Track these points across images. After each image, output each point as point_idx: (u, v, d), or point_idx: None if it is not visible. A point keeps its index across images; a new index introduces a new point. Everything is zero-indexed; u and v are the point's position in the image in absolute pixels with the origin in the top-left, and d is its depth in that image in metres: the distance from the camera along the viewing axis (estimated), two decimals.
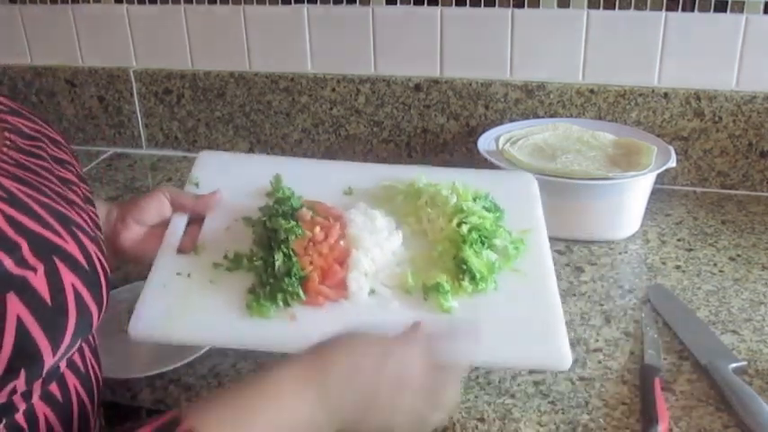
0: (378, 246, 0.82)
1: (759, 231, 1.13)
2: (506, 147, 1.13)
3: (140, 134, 1.49)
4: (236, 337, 0.75)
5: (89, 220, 0.64)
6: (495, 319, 0.76)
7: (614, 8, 1.21)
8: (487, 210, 0.88)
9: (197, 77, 1.41)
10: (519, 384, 0.82)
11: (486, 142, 1.16)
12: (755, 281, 1.00)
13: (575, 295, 0.98)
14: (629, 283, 1.01)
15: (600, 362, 0.85)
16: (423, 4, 1.28)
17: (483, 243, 0.83)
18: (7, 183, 0.56)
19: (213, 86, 1.41)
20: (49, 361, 0.55)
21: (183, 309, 0.76)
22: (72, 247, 0.57)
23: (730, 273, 1.03)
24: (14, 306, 0.51)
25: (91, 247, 0.59)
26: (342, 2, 1.31)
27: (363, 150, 1.39)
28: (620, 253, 1.08)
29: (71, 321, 0.55)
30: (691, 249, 1.09)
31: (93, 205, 0.72)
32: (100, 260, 0.60)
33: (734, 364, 0.82)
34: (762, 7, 1.16)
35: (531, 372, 0.84)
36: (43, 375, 0.56)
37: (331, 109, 1.38)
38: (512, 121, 1.27)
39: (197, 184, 0.93)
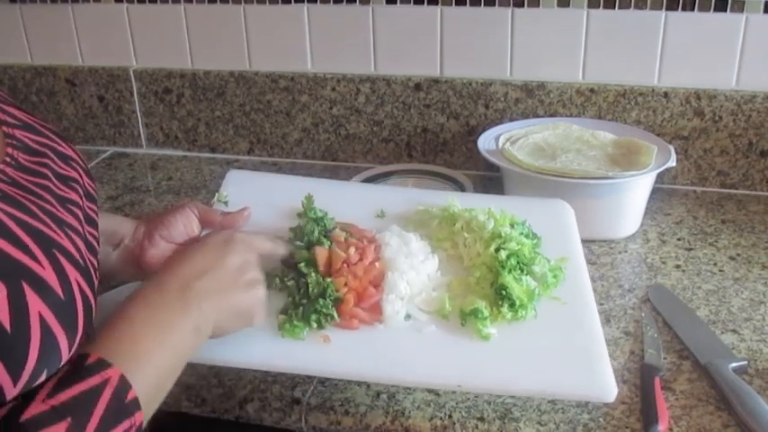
0: (413, 269, 0.80)
1: (759, 231, 1.13)
2: (506, 146, 1.13)
3: (140, 133, 1.49)
4: (269, 359, 0.72)
5: (82, 245, 0.62)
6: (535, 348, 0.74)
7: (614, 8, 1.21)
8: (525, 236, 0.86)
9: (197, 77, 1.42)
10: None
11: (485, 142, 1.16)
12: (755, 280, 1.01)
13: None
14: (629, 283, 1.01)
15: None
16: (423, 3, 1.28)
17: (522, 270, 0.81)
18: None
19: (213, 86, 1.41)
20: (10, 391, 0.52)
21: None
22: (47, 273, 0.55)
23: (730, 272, 1.03)
24: None
25: (73, 275, 0.57)
26: (342, 2, 1.31)
27: (363, 150, 1.39)
28: (620, 252, 1.08)
29: (33, 351, 0.52)
30: (691, 249, 1.09)
31: (95, 226, 0.70)
32: (82, 289, 0.58)
33: (734, 364, 0.82)
34: (762, 7, 1.16)
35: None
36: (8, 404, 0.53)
37: (331, 108, 1.38)
38: (512, 120, 1.27)
39: (226, 203, 0.91)
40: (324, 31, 1.34)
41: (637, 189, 1.08)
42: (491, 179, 1.28)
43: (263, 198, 0.91)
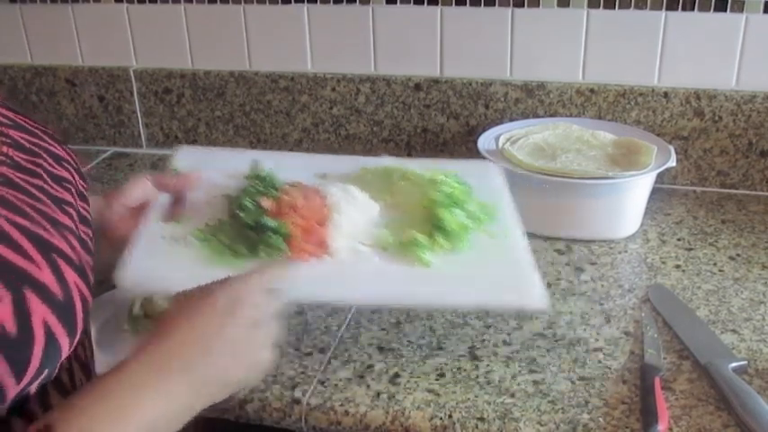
0: (356, 211, 0.88)
1: (759, 231, 1.13)
2: (506, 146, 1.13)
3: (140, 133, 1.49)
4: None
5: (77, 245, 0.62)
6: (472, 271, 0.82)
7: (614, 8, 1.21)
8: (457, 184, 0.93)
9: (197, 77, 1.42)
10: (519, 384, 0.82)
11: (486, 142, 1.16)
12: (755, 280, 1.01)
13: (575, 295, 0.98)
14: (629, 283, 1.01)
15: (600, 361, 0.86)
16: (423, 3, 1.28)
17: (455, 206, 0.88)
18: None
19: (213, 86, 1.41)
20: (12, 391, 0.53)
21: (169, 266, 0.80)
22: (46, 276, 0.55)
23: (730, 272, 1.03)
24: None
25: (71, 277, 0.58)
26: (342, 2, 1.31)
27: (363, 150, 1.39)
28: (620, 252, 1.08)
29: (36, 353, 0.53)
30: (690, 249, 1.09)
31: (89, 225, 0.70)
32: (80, 290, 0.58)
33: (734, 364, 0.82)
34: (762, 7, 1.16)
35: (531, 371, 0.84)
36: (8, 403, 0.54)
37: (331, 108, 1.38)
38: (512, 120, 1.27)
39: (177, 171, 0.96)
40: (324, 31, 1.34)
41: (637, 189, 1.08)
42: None
43: (212, 167, 0.97)
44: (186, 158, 1.00)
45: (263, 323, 0.65)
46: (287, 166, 0.96)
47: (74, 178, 0.72)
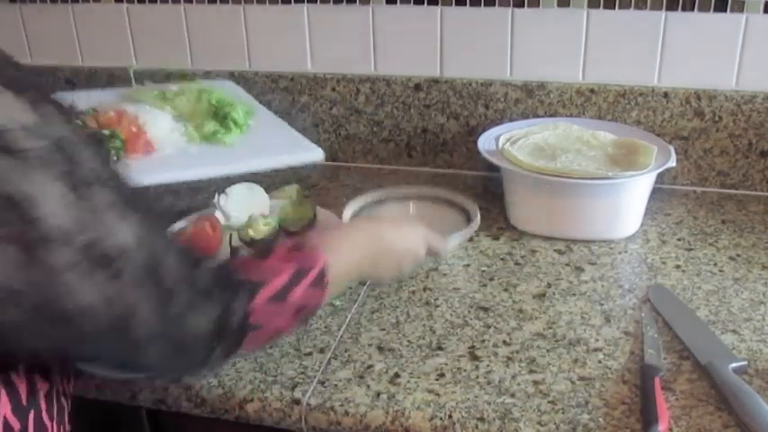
0: (158, 118, 1.13)
1: (759, 231, 1.13)
2: (506, 146, 1.13)
3: None
4: None
5: None
6: (264, 143, 1.13)
7: (614, 8, 1.21)
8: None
9: (197, 77, 1.41)
10: (519, 384, 0.82)
11: (486, 142, 1.16)
12: (755, 280, 1.00)
13: (575, 295, 0.98)
14: (629, 283, 1.01)
15: (600, 361, 0.86)
16: (423, 3, 1.28)
17: (232, 105, 1.17)
18: None
19: None
20: None
21: None
22: None
23: (730, 272, 1.03)
24: None
25: None
26: (342, 2, 1.31)
27: (363, 150, 1.39)
28: (620, 252, 1.08)
29: None
30: (691, 249, 1.09)
31: None
32: None
33: (734, 364, 0.82)
34: (762, 7, 1.16)
35: (531, 371, 0.84)
36: None
37: (331, 109, 1.38)
38: (512, 120, 1.27)
39: None
40: (324, 31, 1.34)
41: (637, 189, 1.08)
42: (491, 179, 1.28)
43: None
44: None
45: (416, 257, 0.89)
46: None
47: None
